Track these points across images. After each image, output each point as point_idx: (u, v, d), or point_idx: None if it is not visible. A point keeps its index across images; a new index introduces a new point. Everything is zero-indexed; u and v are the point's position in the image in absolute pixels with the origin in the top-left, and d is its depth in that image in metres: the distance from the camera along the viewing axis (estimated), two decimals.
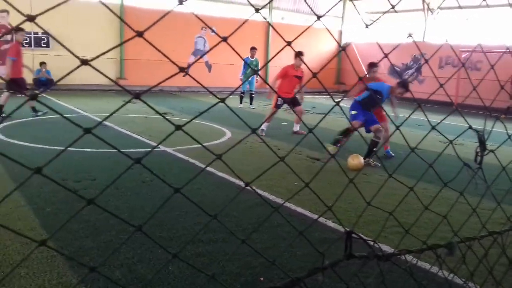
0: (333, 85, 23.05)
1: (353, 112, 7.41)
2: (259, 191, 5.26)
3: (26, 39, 15.16)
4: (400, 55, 20.02)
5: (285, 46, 1.05)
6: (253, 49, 13.53)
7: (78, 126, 0.86)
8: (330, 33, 1.34)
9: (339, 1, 1.29)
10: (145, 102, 0.92)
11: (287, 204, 4.85)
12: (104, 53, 0.90)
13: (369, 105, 7.26)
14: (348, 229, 0.87)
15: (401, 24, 19.69)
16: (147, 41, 0.90)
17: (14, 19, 14.67)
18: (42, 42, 15.64)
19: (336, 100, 1.12)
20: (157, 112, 0.94)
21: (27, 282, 2.98)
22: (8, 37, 15.11)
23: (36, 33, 15.36)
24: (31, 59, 15.48)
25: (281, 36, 1.14)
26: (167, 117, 0.96)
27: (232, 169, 1.10)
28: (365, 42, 21.35)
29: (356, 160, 6.47)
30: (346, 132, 7.48)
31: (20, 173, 5.09)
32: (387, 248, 3.80)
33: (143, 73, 16.79)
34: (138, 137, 8.23)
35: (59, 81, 0.84)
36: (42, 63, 15.15)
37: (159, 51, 0.89)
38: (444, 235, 3.64)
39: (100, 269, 3.20)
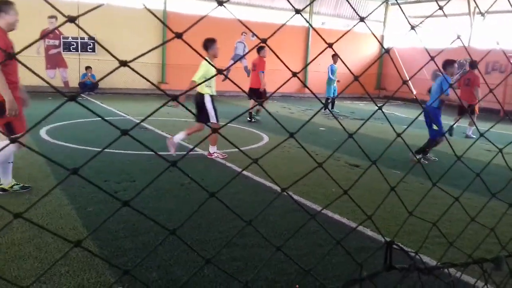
0: (373, 90, 22.64)
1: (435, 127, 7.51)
2: (296, 197, 5.21)
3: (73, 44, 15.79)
4: (443, 60, 19.43)
5: (326, 48, 1.02)
6: (334, 55, 13.83)
7: (116, 127, 0.86)
8: (374, 35, 1.29)
9: (381, 4, 1.26)
10: (182, 105, 0.92)
11: (324, 211, 4.78)
12: (142, 55, 0.90)
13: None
14: (388, 239, 0.83)
15: (444, 29, 19.12)
16: (186, 42, 0.90)
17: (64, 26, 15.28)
18: (88, 47, 16.19)
19: (378, 105, 1.08)
20: (192, 114, 0.93)
21: (67, 280, 3.06)
22: (56, 42, 15.76)
23: (82, 38, 15.93)
24: (77, 63, 16.09)
25: (322, 38, 1.11)
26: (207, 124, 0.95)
27: (269, 174, 1.08)
28: (407, 47, 20.88)
29: None
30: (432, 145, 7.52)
31: (65, 173, 5.26)
32: (429, 260, 3.67)
33: (183, 77, 17.05)
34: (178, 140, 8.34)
35: (100, 80, 0.85)
36: (88, 68, 15.70)
37: (197, 52, 0.89)
38: (491, 248, 3.47)
39: (138, 270, 3.27)
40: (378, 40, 1.44)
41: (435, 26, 19.41)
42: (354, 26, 1.13)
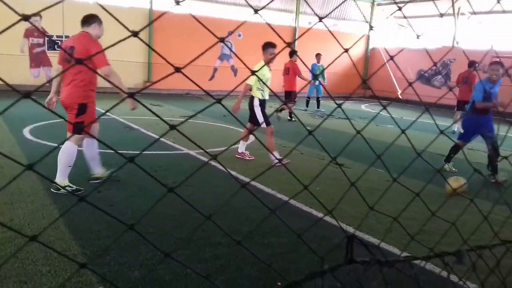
0: (359, 89, 22.81)
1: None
2: (280, 196, 5.25)
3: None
4: (428, 60, 19.64)
5: (342, 53, 1.03)
6: (318, 54, 14.12)
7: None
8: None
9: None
10: (138, 101, 0.92)
11: (308, 209, 4.83)
12: (105, 49, 0.92)
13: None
14: (350, 233, 0.86)
15: (429, 29, 19.34)
16: (142, 40, 0.91)
17: (45, 23, 15.13)
18: None
19: (338, 103, 1.10)
20: (151, 111, 0.94)
21: (47, 280, 3.04)
22: (41, 40, 15.58)
23: (68, 36, 15.78)
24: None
25: (338, 43, 1.13)
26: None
27: (230, 169, 1.09)
28: (393, 47, 21.08)
29: (456, 183, 5.46)
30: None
31: (46, 171, 5.22)
32: (397, 254, 3.73)
33: (170, 77, 17.01)
34: (162, 139, 8.32)
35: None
36: None
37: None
38: (454, 243, 3.54)
39: (120, 269, 3.27)
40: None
41: (421, 26, 19.62)
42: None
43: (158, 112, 10.85)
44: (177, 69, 0.79)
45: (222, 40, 0.95)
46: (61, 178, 4.91)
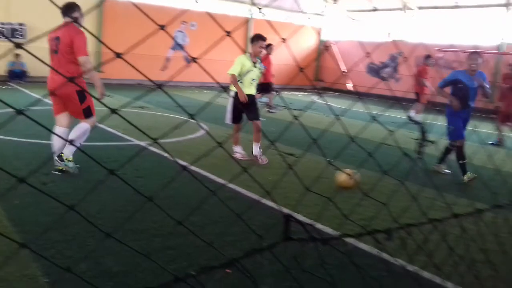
0: (313, 82, 23.18)
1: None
2: (231, 185, 5.28)
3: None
4: (378, 53, 20.24)
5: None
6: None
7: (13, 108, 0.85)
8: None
9: None
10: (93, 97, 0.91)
11: (256, 197, 4.89)
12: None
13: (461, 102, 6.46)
14: (286, 213, 0.89)
15: (380, 23, 19.90)
16: (86, 29, 0.90)
17: None
18: (17, 33, 15.29)
19: (313, 97, 1.14)
20: (97, 100, 0.94)
21: None
22: None
23: (10, 24, 15.01)
24: (4, 51, 15.14)
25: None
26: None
27: (170, 153, 1.10)
28: (345, 40, 21.54)
29: (343, 177, 5.11)
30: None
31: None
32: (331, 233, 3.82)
33: (120, 66, 16.60)
34: (112, 130, 8.13)
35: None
36: (17, 55, 14.83)
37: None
38: (386, 222, 3.69)
39: (66, 261, 3.19)
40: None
41: (372, 20, 20.14)
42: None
43: (107, 103, 10.59)
44: (118, 55, 0.78)
45: (162, 27, 0.95)
46: (69, 151, 5.24)
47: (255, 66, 6.59)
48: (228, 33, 1.03)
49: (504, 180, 4.38)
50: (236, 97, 6.56)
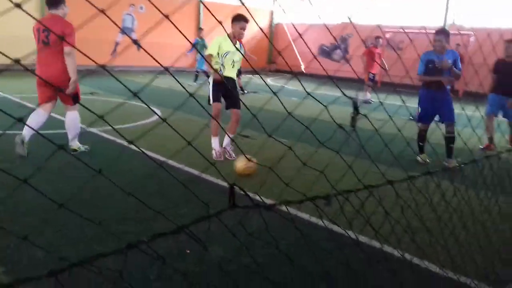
0: (265, 64, 23.30)
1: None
2: (180, 165, 5.30)
3: None
4: (329, 35, 20.58)
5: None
6: (200, 29, 14.24)
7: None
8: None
9: None
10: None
11: (210, 178, 4.96)
12: None
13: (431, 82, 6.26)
14: (231, 183, 0.98)
15: (330, 5, 20.18)
16: (27, 12, 0.93)
17: None
18: None
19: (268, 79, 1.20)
20: (46, 82, 0.97)
21: None
22: None
23: None
24: None
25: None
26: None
27: (116, 129, 1.15)
28: (296, 23, 21.71)
29: (241, 163, 5.06)
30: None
31: None
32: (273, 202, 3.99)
33: None
34: (58, 116, 7.90)
35: None
36: None
37: None
38: (325, 189, 3.91)
39: (21, 250, 3.15)
40: None
41: (323, 2, 20.39)
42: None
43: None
44: (62, 38, 0.80)
45: (102, 11, 0.97)
46: (76, 142, 5.91)
47: (236, 48, 6.01)
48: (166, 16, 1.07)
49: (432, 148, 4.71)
50: (216, 81, 6.05)
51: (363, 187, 1.27)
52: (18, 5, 0.84)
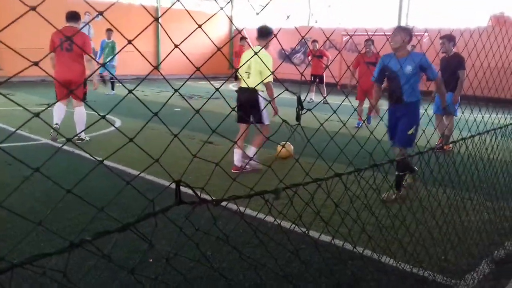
0: (226, 70, 23.34)
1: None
2: (150, 177, 5.26)
3: None
4: (288, 39, 20.85)
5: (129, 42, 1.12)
6: (108, 30, 13.43)
7: None
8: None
9: None
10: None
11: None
12: None
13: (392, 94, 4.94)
14: (176, 179, 0.99)
15: (289, 10, 20.46)
16: None
17: None
18: None
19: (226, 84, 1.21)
20: (11, 100, 0.96)
21: None
22: None
23: None
24: None
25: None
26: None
27: (86, 151, 1.15)
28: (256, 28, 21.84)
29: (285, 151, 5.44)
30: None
31: None
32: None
33: (21, 62, 15.50)
34: (17, 130, 7.66)
35: None
36: None
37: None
38: (273, 184, 4.00)
39: None
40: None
41: (282, 6, 20.63)
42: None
43: (10, 102, 9.92)
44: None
45: (33, 8, 0.94)
46: (82, 133, 7.24)
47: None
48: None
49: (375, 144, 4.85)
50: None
51: (311, 180, 1.31)
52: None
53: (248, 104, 5.61)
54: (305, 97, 1.25)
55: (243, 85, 5.84)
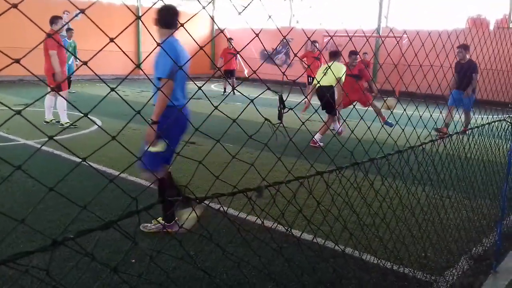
0: (208, 70, 23.28)
1: None
2: (132, 178, 5.22)
3: None
4: (270, 40, 20.85)
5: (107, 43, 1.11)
6: (69, 30, 13.23)
7: None
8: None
9: None
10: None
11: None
12: None
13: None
14: (160, 177, 0.99)
15: (271, 10, 20.52)
16: None
17: None
18: None
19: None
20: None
21: None
22: None
23: None
24: None
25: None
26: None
27: (68, 148, 1.15)
28: (237, 28, 21.86)
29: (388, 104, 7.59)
30: None
31: None
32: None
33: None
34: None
35: None
36: None
37: None
38: (258, 182, 4.04)
39: None
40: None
41: (262, 7, 20.67)
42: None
43: None
44: None
45: (16, 6, 0.93)
46: (65, 119, 8.49)
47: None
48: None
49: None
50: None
51: (293, 178, 1.32)
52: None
53: (324, 98, 7.51)
54: (287, 97, 1.26)
55: (322, 83, 7.76)
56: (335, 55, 8.13)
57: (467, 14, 17.01)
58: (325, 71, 7.81)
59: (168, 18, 3.63)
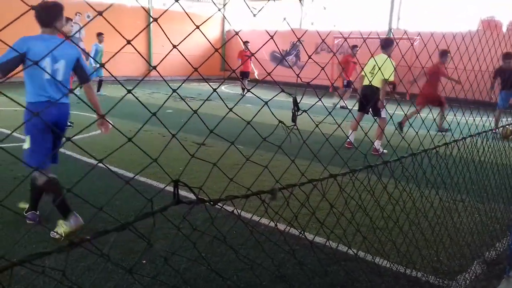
0: (219, 72, 23.34)
1: None
2: (143, 179, 5.25)
3: None
4: (280, 42, 20.88)
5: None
6: (100, 34, 13.62)
7: None
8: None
9: None
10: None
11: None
12: None
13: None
14: (175, 179, 1.00)
15: (280, 12, 20.54)
16: None
17: None
18: None
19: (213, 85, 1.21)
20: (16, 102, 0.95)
21: None
22: None
23: None
24: None
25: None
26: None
27: (84, 149, 1.15)
28: (248, 30, 21.90)
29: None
30: None
31: None
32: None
33: None
34: (5, 131, 7.60)
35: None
36: None
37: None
38: (269, 184, 4.02)
39: None
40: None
41: (273, 9, 20.69)
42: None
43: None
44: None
45: (101, 14, 0.95)
46: None
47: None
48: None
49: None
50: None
51: (306, 181, 1.32)
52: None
53: (371, 99, 6.99)
54: (301, 99, 1.26)
55: (366, 82, 7.28)
56: (389, 45, 7.21)
57: (479, 15, 16.85)
58: (372, 71, 7.07)
59: (44, 17, 3.73)
